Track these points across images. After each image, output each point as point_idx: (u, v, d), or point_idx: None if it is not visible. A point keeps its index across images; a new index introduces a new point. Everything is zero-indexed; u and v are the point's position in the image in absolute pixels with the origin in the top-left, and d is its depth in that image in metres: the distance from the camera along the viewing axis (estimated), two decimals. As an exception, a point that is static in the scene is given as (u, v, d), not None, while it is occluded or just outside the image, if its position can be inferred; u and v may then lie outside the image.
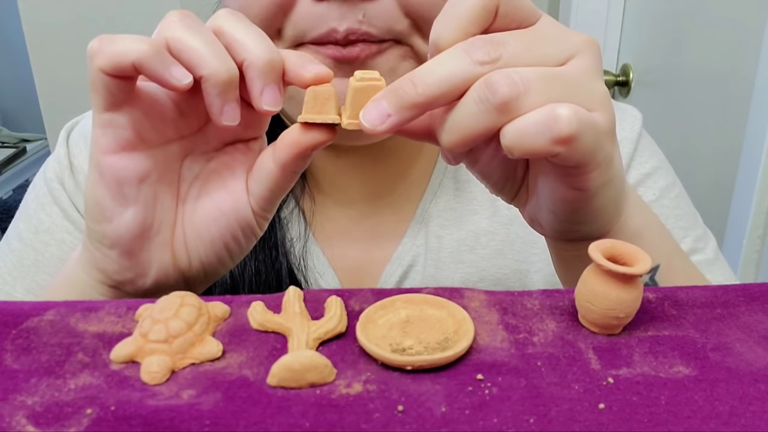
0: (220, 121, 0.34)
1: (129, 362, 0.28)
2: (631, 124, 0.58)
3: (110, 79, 0.33)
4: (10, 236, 0.57)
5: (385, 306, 0.31)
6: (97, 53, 0.32)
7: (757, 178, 0.89)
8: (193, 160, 0.38)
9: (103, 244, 0.36)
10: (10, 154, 2.88)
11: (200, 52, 0.33)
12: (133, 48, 0.32)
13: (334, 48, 0.43)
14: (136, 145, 0.35)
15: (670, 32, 1.16)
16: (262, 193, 0.37)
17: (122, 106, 0.34)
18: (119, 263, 0.37)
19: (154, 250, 0.37)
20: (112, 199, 0.35)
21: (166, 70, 0.32)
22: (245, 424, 0.25)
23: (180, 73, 0.32)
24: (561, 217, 0.36)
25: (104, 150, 0.35)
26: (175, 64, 0.33)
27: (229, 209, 0.37)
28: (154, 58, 0.32)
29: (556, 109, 0.29)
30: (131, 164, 0.35)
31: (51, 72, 1.43)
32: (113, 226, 0.35)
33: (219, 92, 0.33)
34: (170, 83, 0.32)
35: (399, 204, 0.57)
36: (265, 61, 0.33)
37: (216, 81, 0.33)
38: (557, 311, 0.32)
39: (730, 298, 0.33)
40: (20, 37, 1.45)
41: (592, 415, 0.25)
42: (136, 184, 0.35)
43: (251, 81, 0.33)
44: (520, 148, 0.30)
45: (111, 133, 0.34)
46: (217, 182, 0.38)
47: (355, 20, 0.42)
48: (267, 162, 0.37)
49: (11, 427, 0.25)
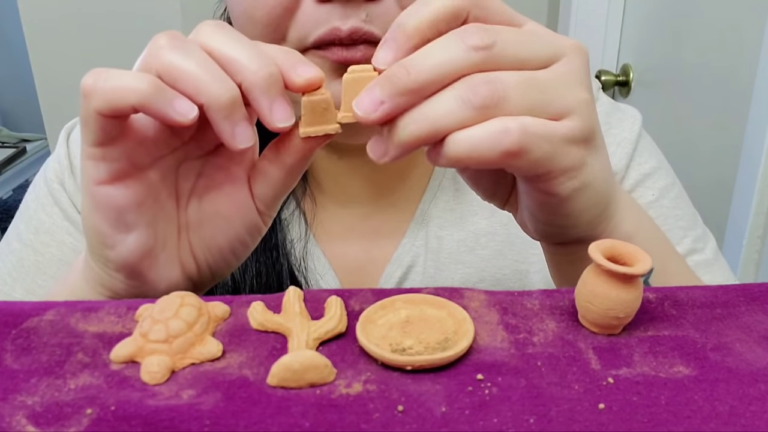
0: (235, 145, 0.32)
1: (129, 362, 0.28)
2: (630, 125, 0.58)
3: (106, 119, 0.31)
4: (10, 237, 0.57)
5: (385, 306, 0.31)
6: (92, 93, 0.31)
7: (757, 178, 0.89)
8: (188, 167, 0.37)
9: (109, 267, 0.36)
10: (10, 154, 2.88)
11: (197, 77, 0.31)
12: (131, 88, 0.30)
13: (337, 50, 0.43)
14: (129, 173, 0.34)
15: (670, 32, 1.16)
16: (268, 195, 0.37)
17: (115, 141, 0.33)
18: (127, 284, 0.36)
19: (162, 267, 0.36)
20: (111, 227, 0.34)
21: (170, 108, 0.31)
22: (245, 424, 0.25)
23: (185, 107, 0.31)
24: (540, 219, 0.37)
25: (97, 181, 0.33)
26: (177, 97, 0.31)
27: (235, 217, 0.37)
28: (155, 96, 0.30)
29: (507, 123, 0.30)
30: (128, 192, 0.34)
31: (51, 72, 1.43)
32: (116, 252, 0.35)
33: (225, 116, 0.31)
34: (175, 121, 0.31)
35: (399, 205, 0.57)
36: (264, 78, 0.32)
37: (220, 106, 0.31)
38: (557, 311, 0.32)
39: (730, 298, 0.33)
40: (20, 37, 1.45)
41: (592, 415, 0.25)
42: (135, 210, 0.34)
43: (256, 101, 0.32)
44: (469, 158, 0.30)
45: (103, 166, 0.33)
46: (218, 188, 0.37)
47: (358, 20, 0.42)
48: (271, 167, 0.36)
49: (11, 427, 0.25)
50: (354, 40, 0.43)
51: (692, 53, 1.10)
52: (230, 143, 0.32)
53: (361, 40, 0.43)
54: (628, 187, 0.56)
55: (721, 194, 0.98)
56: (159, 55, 0.31)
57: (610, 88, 1.31)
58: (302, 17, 0.43)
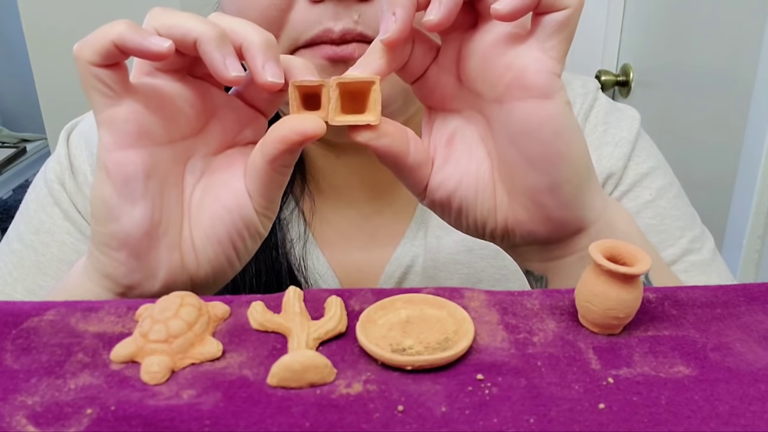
0: (227, 74, 0.34)
1: (129, 362, 0.28)
2: (629, 125, 0.58)
3: (100, 71, 0.33)
4: (11, 237, 0.57)
5: (385, 306, 0.31)
6: (81, 49, 0.33)
7: (757, 177, 0.89)
8: (195, 163, 0.38)
9: (111, 247, 0.36)
10: (10, 154, 2.88)
11: (189, 22, 0.34)
12: (109, 30, 0.33)
13: (329, 47, 0.43)
14: (140, 139, 0.35)
15: (670, 32, 1.16)
16: (257, 189, 0.37)
17: (120, 99, 0.34)
18: (127, 265, 0.36)
19: (163, 251, 0.37)
20: (119, 196, 0.35)
21: (145, 40, 0.33)
22: (245, 424, 0.25)
23: (158, 40, 0.33)
24: (525, 179, 0.37)
25: (109, 147, 0.35)
26: (152, 34, 0.33)
27: (233, 206, 0.37)
28: (131, 32, 0.33)
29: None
30: (137, 158, 0.35)
31: (51, 72, 1.43)
32: (121, 224, 0.35)
33: (216, 47, 0.33)
34: (151, 49, 0.33)
35: (398, 205, 0.57)
36: (262, 40, 0.34)
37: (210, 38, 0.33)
38: (557, 311, 0.32)
39: (730, 298, 0.33)
40: (20, 37, 1.45)
41: (592, 415, 0.25)
42: (142, 179, 0.35)
43: (252, 59, 0.34)
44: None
45: (114, 129, 0.35)
46: (220, 182, 0.38)
47: (350, 21, 0.42)
48: (256, 157, 0.36)
49: (11, 427, 0.25)
50: (346, 40, 0.43)
51: (692, 53, 1.10)
52: (223, 73, 0.34)
53: (352, 40, 0.43)
54: (625, 186, 0.56)
55: (721, 194, 0.98)
56: (153, 16, 0.35)
57: (610, 88, 1.31)
58: (295, 17, 0.43)
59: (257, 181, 0.37)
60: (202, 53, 0.34)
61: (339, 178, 0.56)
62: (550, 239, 0.38)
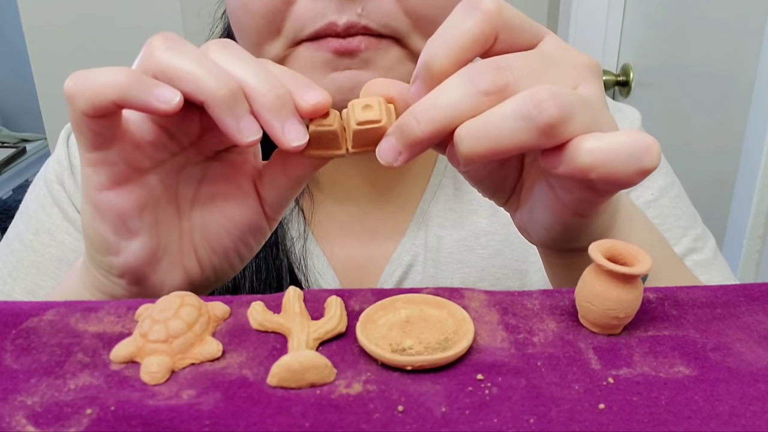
0: (243, 139, 0.31)
1: (129, 362, 0.28)
2: (629, 125, 0.58)
3: (94, 121, 0.31)
4: (10, 237, 0.57)
5: (385, 306, 0.31)
6: (75, 95, 0.30)
7: (757, 178, 0.89)
8: (189, 173, 0.37)
9: (112, 274, 0.35)
10: (10, 154, 2.88)
11: (194, 74, 0.30)
12: (109, 84, 0.29)
13: (334, 40, 0.43)
14: (130, 177, 0.33)
15: (670, 32, 1.16)
16: (276, 200, 0.37)
17: (110, 143, 0.32)
18: (129, 290, 0.36)
19: (164, 272, 0.36)
20: (115, 233, 0.34)
21: (151, 96, 0.30)
22: (245, 424, 0.25)
23: (166, 94, 0.30)
24: (554, 236, 0.36)
25: (98, 187, 0.33)
26: (158, 86, 0.30)
27: (241, 219, 0.37)
28: (135, 88, 0.29)
29: (646, 138, 0.29)
30: (130, 197, 0.33)
31: (51, 72, 1.43)
32: (121, 258, 0.34)
33: (228, 110, 0.31)
34: (158, 109, 0.30)
35: (398, 203, 0.57)
36: (274, 100, 0.31)
37: (220, 100, 0.30)
38: (557, 311, 0.32)
39: (730, 298, 0.33)
40: (20, 37, 1.45)
41: (592, 415, 0.25)
42: (137, 215, 0.34)
43: (269, 124, 0.31)
44: (604, 171, 0.28)
45: (103, 171, 0.32)
46: (222, 193, 0.37)
47: (354, 14, 0.42)
48: (279, 174, 0.36)
49: (11, 427, 0.25)
50: (350, 33, 0.43)
51: (692, 53, 1.10)
52: (237, 138, 0.31)
53: (357, 33, 0.43)
54: None
55: (721, 194, 0.98)
56: (154, 55, 0.31)
57: (610, 88, 1.31)
58: (299, 10, 0.43)
59: (277, 193, 0.37)
60: (212, 115, 0.31)
61: (339, 176, 0.56)
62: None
